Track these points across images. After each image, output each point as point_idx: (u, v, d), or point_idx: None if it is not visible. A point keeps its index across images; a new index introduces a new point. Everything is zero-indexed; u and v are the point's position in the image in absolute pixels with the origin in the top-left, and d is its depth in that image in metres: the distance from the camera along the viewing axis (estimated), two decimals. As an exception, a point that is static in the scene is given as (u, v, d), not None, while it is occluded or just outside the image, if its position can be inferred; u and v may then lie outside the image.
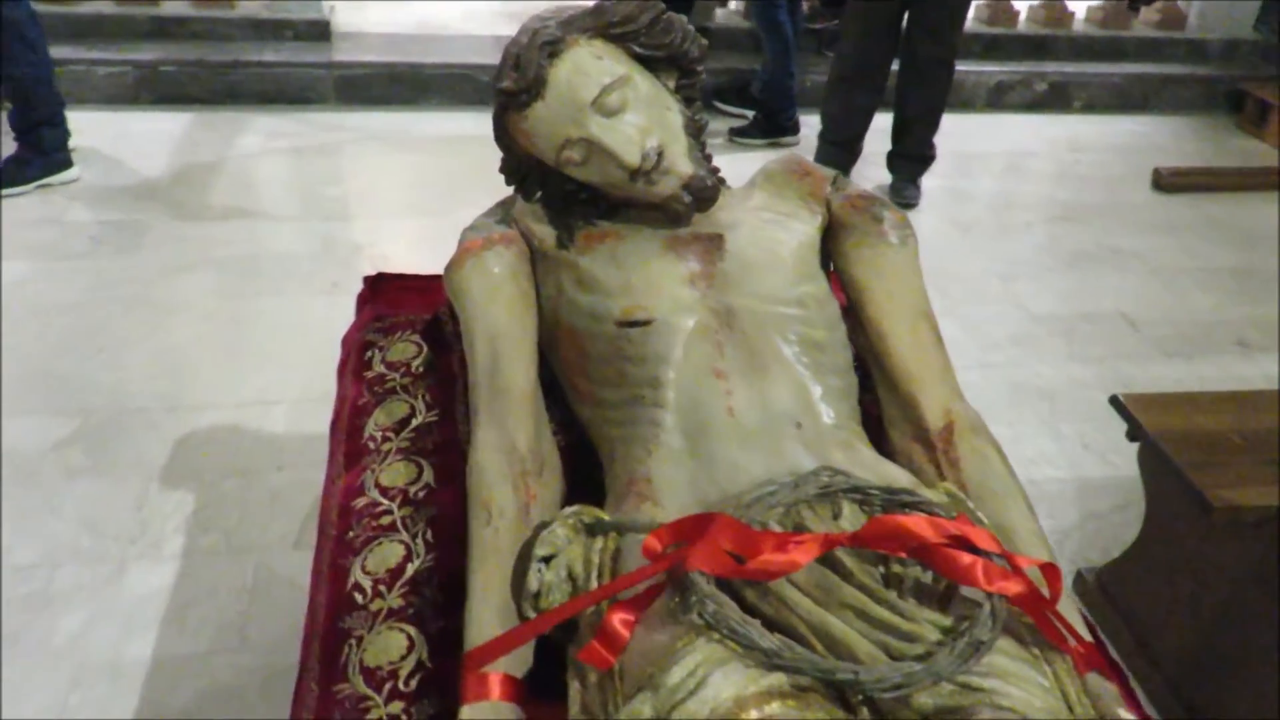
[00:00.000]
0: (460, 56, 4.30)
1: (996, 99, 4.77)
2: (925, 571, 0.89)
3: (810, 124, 3.92)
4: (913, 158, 3.71)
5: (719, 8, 4.89)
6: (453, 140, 3.85)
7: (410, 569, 1.15)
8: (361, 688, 1.02)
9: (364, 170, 3.63)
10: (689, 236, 1.18)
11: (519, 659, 0.96)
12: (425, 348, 1.48)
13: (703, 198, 1.17)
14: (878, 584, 0.87)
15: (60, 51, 3.54)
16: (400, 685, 1.02)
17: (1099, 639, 1.09)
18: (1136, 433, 1.76)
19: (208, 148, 3.68)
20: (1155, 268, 3.38)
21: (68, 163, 3.31)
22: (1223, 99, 4.98)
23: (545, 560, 0.96)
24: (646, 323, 1.11)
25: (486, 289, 1.19)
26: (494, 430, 1.13)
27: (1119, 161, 4.28)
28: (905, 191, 3.69)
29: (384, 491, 1.25)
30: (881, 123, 3.66)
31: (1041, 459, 2.38)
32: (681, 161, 1.15)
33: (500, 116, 1.17)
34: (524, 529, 1.03)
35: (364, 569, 1.15)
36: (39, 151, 3.22)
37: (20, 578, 1.85)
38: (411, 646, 1.06)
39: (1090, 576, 1.99)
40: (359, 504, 1.24)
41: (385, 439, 1.33)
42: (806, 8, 4.57)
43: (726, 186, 1.28)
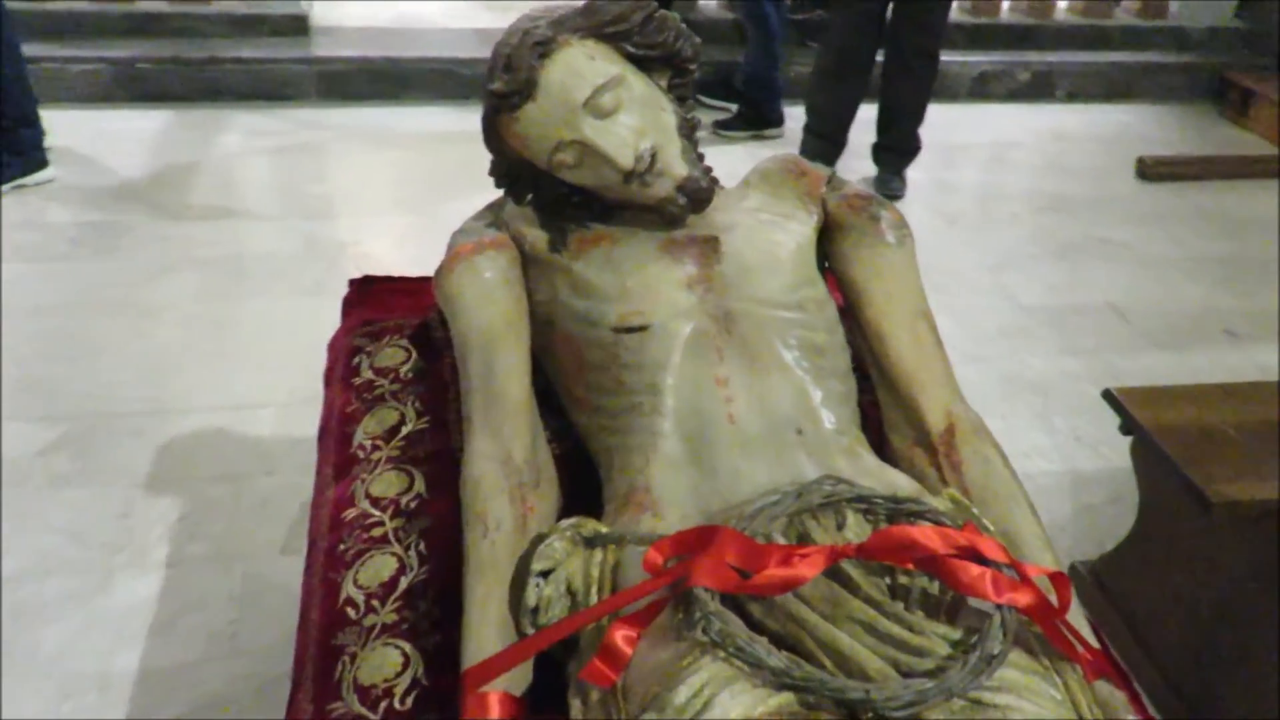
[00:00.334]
0: (440, 51, 4.25)
1: (980, 89, 4.76)
2: (932, 581, 0.87)
3: (795, 116, 3.90)
4: (898, 150, 3.69)
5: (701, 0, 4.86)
6: (435, 136, 3.81)
7: (403, 582, 1.12)
8: (357, 706, 1.00)
9: (347, 168, 3.59)
10: (684, 239, 1.16)
11: (518, 676, 0.94)
12: (414, 353, 1.45)
13: (697, 199, 1.15)
14: (884, 596, 0.85)
15: (33, 49, 3.48)
16: (396, 703, 1.00)
17: (1102, 640, 1.08)
18: (1130, 427, 1.75)
19: (187, 146, 3.63)
20: (1143, 258, 3.38)
21: (44, 163, 3.25)
22: (1205, 87, 4.98)
23: (543, 575, 0.95)
24: (643, 328, 1.08)
25: (479, 295, 1.16)
26: (489, 440, 1.10)
27: (1103, 151, 4.28)
28: (891, 183, 3.67)
29: (375, 502, 1.23)
30: (866, 114, 3.64)
31: (1034, 452, 2.38)
32: (676, 163, 1.13)
33: (490, 119, 1.15)
34: (521, 542, 1.01)
35: (356, 583, 1.13)
36: (14, 152, 3.16)
37: (7, 588, 1.82)
38: (407, 663, 1.04)
39: (1084, 570, 1.98)
40: (349, 515, 1.22)
41: (375, 448, 1.31)
42: (790, -1, 4.55)
43: (720, 187, 1.26)
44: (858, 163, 3.74)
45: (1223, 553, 1.69)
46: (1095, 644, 0.95)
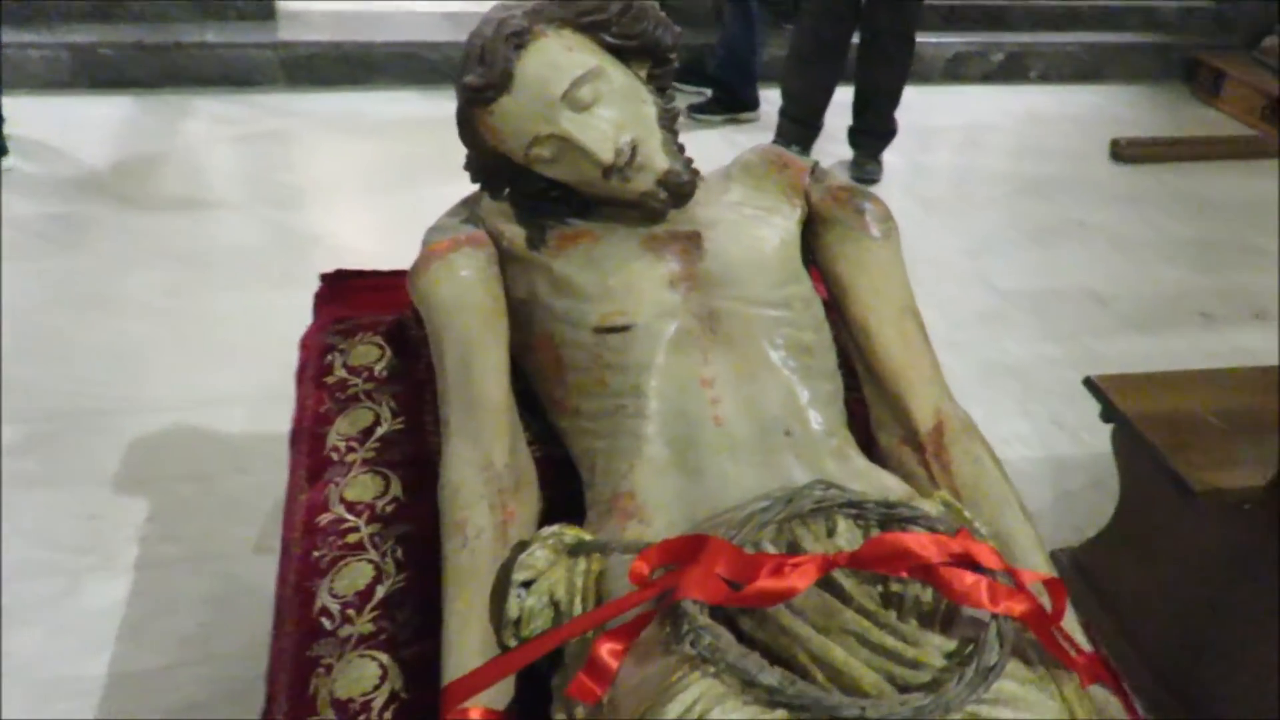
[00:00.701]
0: (409, 34, 4.19)
1: (954, 70, 4.74)
2: (925, 589, 0.85)
3: (770, 99, 3.87)
4: (874, 133, 3.67)
5: (674, -18, 4.81)
6: (405, 122, 3.75)
7: (380, 591, 1.09)
8: (334, 722, 0.97)
9: (316, 155, 3.53)
10: (666, 235, 1.13)
11: (501, 690, 0.92)
12: (389, 350, 1.42)
13: (679, 193, 1.12)
14: (878, 605, 0.83)
15: (-9, 35, 3.41)
16: (374, 718, 0.97)
17: (1095, 643, 1.07)
18: (1111, 415, 1.74)
19: (151, 134, 3.55)
20: (1119, 241, 3.38)
21: (3, 150, 3.17)
22: (1177, 68, 4.99)
23: (525, 585, 0.92)
24: (626, 328, 1.05)
25: (455, 294, 1.12)
26: (467, 444, 1.07)
27: (1077, 132, 4.28)
28: (867, 167, 3.65)
29: (349, 507, 1.19)
30: (842, 98, 3.61)
31: (1014, 438, 2.37)
32: (657, 156, 1.10)
33: (465, 113, 1.10)
34: (502, 550, 0.98)
35: (331, 592, 1.09)
36: (-29, 141, 3.09)
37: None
38: (385, 676, 1.01)
39: (1065, 558, 1.98)
40: (324, 521, 1.18)
41: (349, 449, 1.27)
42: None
43: (702, 178, 1.22)
44: (834, 146, 3.72)
45: (1205, 540, 1.68)
46: (1089, 647, 0.93)
